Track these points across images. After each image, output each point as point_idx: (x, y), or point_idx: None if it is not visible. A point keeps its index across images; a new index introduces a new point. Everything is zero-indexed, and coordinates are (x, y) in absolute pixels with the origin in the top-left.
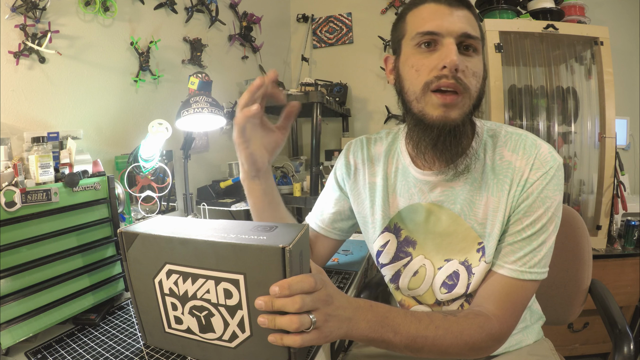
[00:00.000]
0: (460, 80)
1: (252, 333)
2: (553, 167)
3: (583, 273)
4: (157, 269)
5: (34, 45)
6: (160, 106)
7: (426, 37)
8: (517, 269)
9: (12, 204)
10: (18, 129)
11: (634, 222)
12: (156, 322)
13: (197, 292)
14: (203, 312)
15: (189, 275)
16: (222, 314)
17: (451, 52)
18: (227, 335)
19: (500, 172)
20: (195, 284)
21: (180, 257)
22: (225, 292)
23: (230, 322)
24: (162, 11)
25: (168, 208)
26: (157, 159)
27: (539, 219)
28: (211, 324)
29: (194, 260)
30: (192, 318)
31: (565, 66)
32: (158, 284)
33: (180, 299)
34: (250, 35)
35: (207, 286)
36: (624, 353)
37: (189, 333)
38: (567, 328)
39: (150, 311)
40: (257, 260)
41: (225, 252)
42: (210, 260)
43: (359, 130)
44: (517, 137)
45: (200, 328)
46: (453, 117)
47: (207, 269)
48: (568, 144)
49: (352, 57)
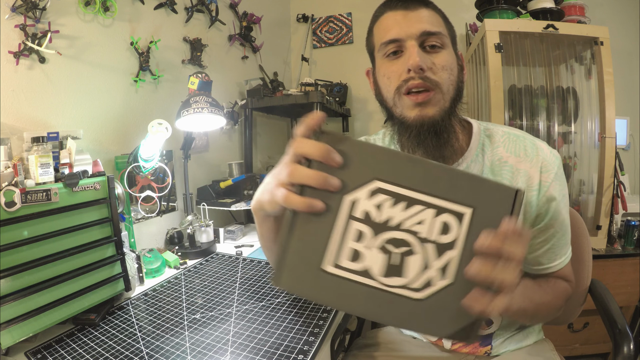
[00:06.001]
0: (428, 78)
1: (454, 280)
2: (558, 165)
3: (583, 273)
4: (359, 184)
5: (34, 45)
6: (160, 106)
7: (390, 45)
8: (563, 260)
9: (12, 204)
10: (18, 129)
11: (634, 222)
12: (312, 257)
13: (405, 221)
14: (401, 247)
15: (405, 199)
16: (426, 253)
17: (412, 54)
18: (420, 282)
19: (498, 173)
20: (408, 209)
21: (403, 175)
22: (443, 226)
23: (432, 264)
24: (162, 11)
25: (168, 208)
26: (157, 159)
27: (562, 215)
28: (404, 265)
29: (420, 182)
30: (380, 254)
31: (565, 66)
32: (350, 203)
33: (376, 226)
34: (250, 35)
35: (423, 215)
36: (624, 353)
37: (363, 275)
38: (567, 328)
39: (313, 240)
40: (491, 197)
41: (462, 180)
42: (441, 185)
43: (359, 130)
44: (514, 137)
45: (387, 269)
46: (430, 115)
47: (433, 195)
48: (568, 144)
49: (352, 57)
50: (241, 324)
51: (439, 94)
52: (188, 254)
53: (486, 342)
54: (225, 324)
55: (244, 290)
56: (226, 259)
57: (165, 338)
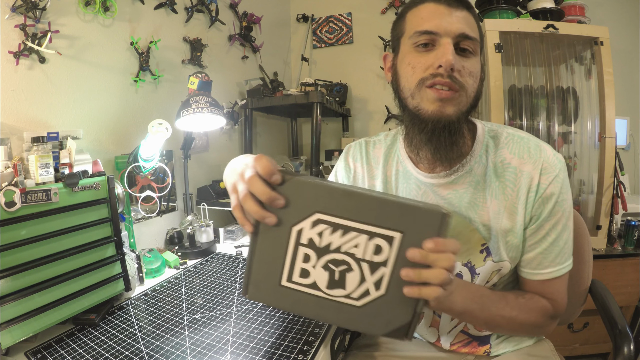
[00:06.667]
0: (456, 79)
1: (386, 292)
2: (561, 169)
3: (583, 273)
4: (303, 216)
5: (34, 45)
6: (160, 106)
7: (424, 36)
8: (552, 270)
9: (12, 204)
10: (18, 129)
11: (634, 222)
12: (271, 274)
13: (343, 245)
14: (340, 266)
15: (341, 227)
16: (362, 270)
17: (447, 52)
18: (358, 293)
19: (502, 175)
20: (345, 236)
21: (338, 207)
22: (376, 248)
23: (368, 279)
24: (162, 11)
25: (168, 208)
26: (157, 159)
27: (559, 220)
28: (344, 280)
29: (353, 212)
30: (324, 272)
31: (565, 66)
32: (296, 232)
33: (318, 250)
34: (250, 35)
35: (358, 240)
36: (624, 353)
37: (312, 288)
38: (567, 328)
39: (270, 261)
40: (418, 221)
41: (391, 208)
42: (372, 214)
43: (359, 130)
44: (519, 139)
45: (329, 283)
46: (448, 113)
47: (365, 223)
48: (568, 144)
49: (352, 57)
50: (241, 324)
51: (462, 96)
52: (188, 254)
53: (484, 342)
54: (225, 324)
55: None
56: (226, 259)
57: (165, 338)
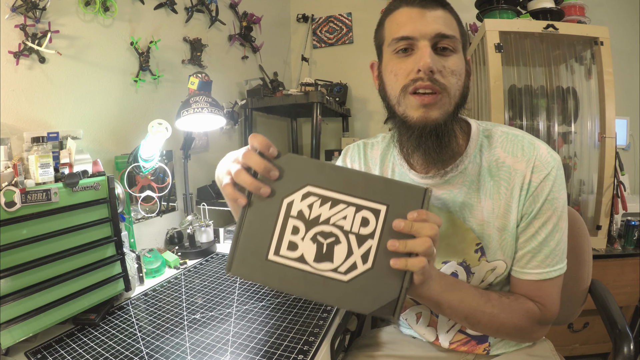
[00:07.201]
0: (437, 81)
1: (373, 266)
2: (554, 167)
3: (583, 273)
4: (294, 189)
5: (34, 45)
6: (160, 106)
7: (402, 42)
8: (541, 271)
9: (12, 204)
10: (18, 129)
11: (634, 222)
12: (258, 248)
13: (331, 218)
14: (329, 238)
15: (329, 200)
16: (349, 242)
17: (425, 55)
18: (345, 267)
19: (496, 174)
20: (333, 208)
21: (328, 181)
22: (363, 220)
23: (355, 252)
24: (162, 11)
25: (168, 208)
26: (157, 159)
27: (549, 219)
28: (332, 253)
29: (342, 185)
30: (312, 245)
31: (565, 66)
32: (287, 204)
33: (307, 222)
34: (250, 35)
35: (345, 212)
36: (623, 353)
37: (299, 262)
38: (567, 328)
39: (257, 235)
40: (402, 196)
41: (376, 183)
42: (359, 188)
43: (359, 130)
44: (513, 137)
45: (317, 256)
46: (434, 117)
47: (353, 196)
48: (568, 144)
49: (352, 57)
50: (241, 324)
51: (445, 98)
52: (188, 254)
53: (482, 340)
54: (225, 324)
55: (244, 290)
56: (226, 259)
57: (165, 338)
